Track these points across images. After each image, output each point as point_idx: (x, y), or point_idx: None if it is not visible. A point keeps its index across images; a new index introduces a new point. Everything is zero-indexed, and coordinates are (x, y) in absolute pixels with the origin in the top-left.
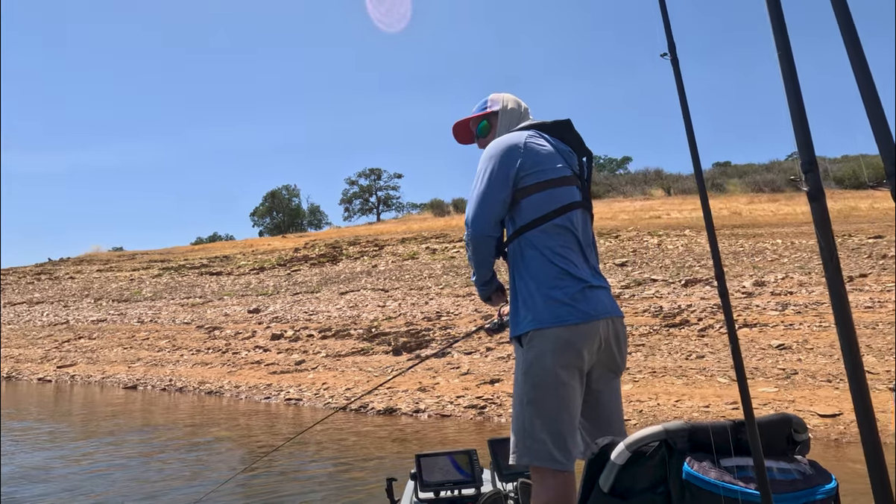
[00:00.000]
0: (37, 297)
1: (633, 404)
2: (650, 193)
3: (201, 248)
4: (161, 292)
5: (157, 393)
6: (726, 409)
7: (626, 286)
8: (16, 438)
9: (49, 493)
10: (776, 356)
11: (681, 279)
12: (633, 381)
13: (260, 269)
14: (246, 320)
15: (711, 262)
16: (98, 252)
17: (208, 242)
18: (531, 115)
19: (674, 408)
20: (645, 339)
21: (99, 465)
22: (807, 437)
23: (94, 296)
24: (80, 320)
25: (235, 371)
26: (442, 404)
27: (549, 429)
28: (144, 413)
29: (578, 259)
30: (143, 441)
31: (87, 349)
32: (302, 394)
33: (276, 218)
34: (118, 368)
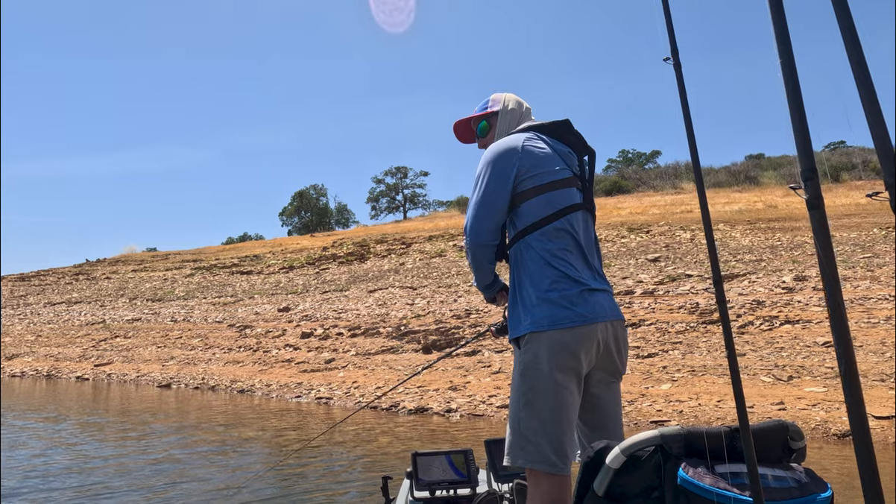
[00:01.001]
0: (75, 297)
1: (672, 404)
2: (681, 187)
3: (232, 247)
4: (193, 291)
5: (189, 391)
6: (771, 410)
7: (659, 282)
8: (57, 435)
9: (76, 485)
10: (822, 354)
11: None
12: (671, 381)
13: (289, 267)
14: (276, 319)
15: (748, 256)
16: (133, 253)
17: (239, 242)
18: (533, 115)
19: (716, 408)
20: (682, 337)
21: (127, 460)
22: (803, 445)
23: (129, 295)
24: (115, 319)
25: (266, 370)
26: (474, 404)
27: (545, 431)
28: (179, 413)
29: (578, 262)
30: (174, 442)
31: (122, 348)
32: (332, 392)
33: (305, 217)
34: (152, 367)
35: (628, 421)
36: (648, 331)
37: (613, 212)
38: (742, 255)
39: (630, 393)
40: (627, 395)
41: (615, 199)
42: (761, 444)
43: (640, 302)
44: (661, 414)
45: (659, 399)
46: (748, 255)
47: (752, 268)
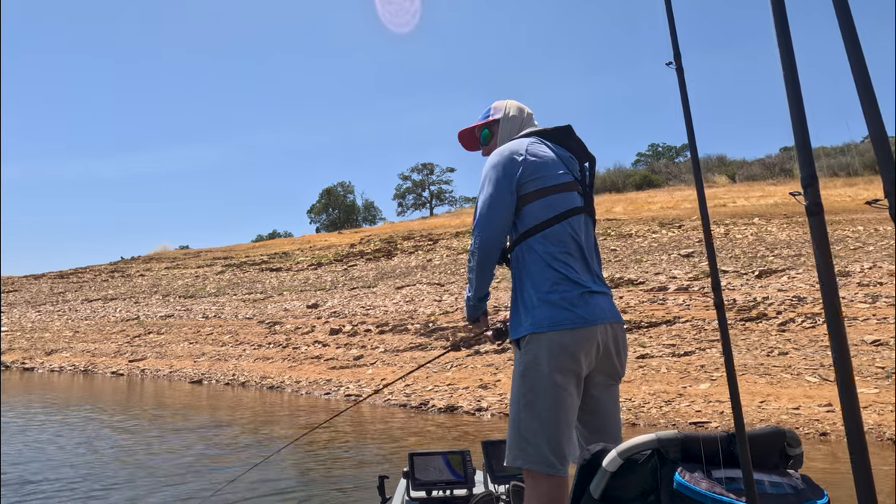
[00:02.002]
0: (111, 294)
1: (712, 405)
2: (713, 181)
3: (261, 244)
4: (224, 288)
5: (220, 387)
6: (819, 412)
7: (693, 278)
8: (95, 431)
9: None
10: (872, 353)
11: (753, 270)
12: (710, 381)
13: (317, 264)
14: (305, 315)
15: (786, 251)
16: (165, 250)
17: (268, 239)
18: (542, 116)
19: (759, 409)
20: (719, 334)
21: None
22: (800, 452)
23: (162, 292)
24: (149, 316)
25: (296, 366)
26: (505, 402)
27: (544, 432)
28: (211, 410)
29: (579, 264)
30: (204, 439)
31: (155, 344)
32: (361, 390)
33: (332, 214)
34: (185, 363)
35: (666, 422)
36: (684, 328)
37: (644, 206)
38: (780, 250)
39: (667, 392)
40: (664, 394)
41: (646, 193)
42: (758, 450)
43: (675, 298)
44: (700, 415)
45: (697, 399)
46: (786, 250)
47: (792, 263)
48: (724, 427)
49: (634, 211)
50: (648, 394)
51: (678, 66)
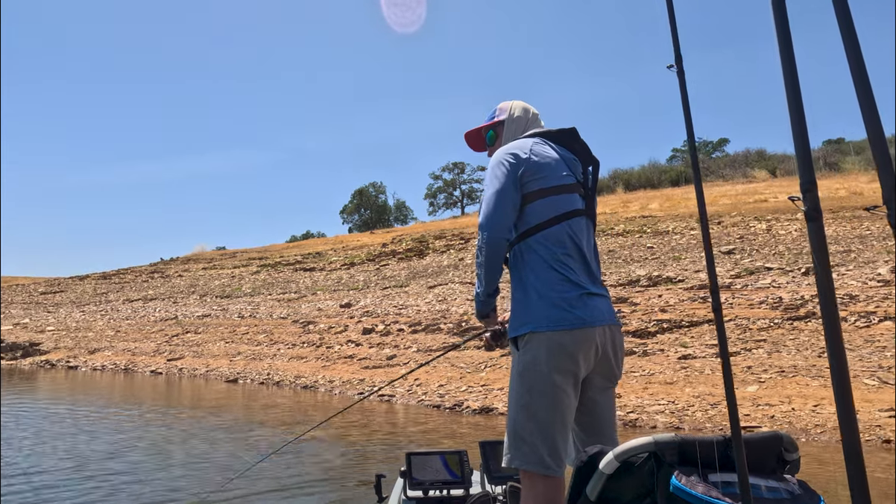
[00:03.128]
0: (150, 294)
1: (762, 408)
2: (752, 176)
3: (295, 245)
4: (259, 288)
5: (255, 386)
6: (880, 417)
7: (736, 275)
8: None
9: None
10: None
11: (800, 267)
12: (758, 382)
13: (350, 264)
14: (338, 314)
15: (833, 247)
16: (203, 251)
17: (302, 240)
18: (542, 121)
19: (813, 413)
20: (766, 334)
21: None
22: (797, 457)
23: (199, 292)
24: (187, 315)
25: (329, 365)
26: None
27: (541, 433)
28: (246, 409)
29: (578, 266)
30: (239, 437)
31: (193, 343)
32: (395, 390)
33: (364, 215)
34: (221, 362)
35: (713, 426)
36: (727, 327)
37: (681, 203)
38: (828, 246)
39: (712, 395)
40: (709, 396)
41: (682, 189)
42: (755, 455)
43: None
44: (749, 419)
45: (745, 402)
46: (834, 246)
47: (841, 259)
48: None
49: (671, 207)
50: (692, 396)
51: (679, 69)
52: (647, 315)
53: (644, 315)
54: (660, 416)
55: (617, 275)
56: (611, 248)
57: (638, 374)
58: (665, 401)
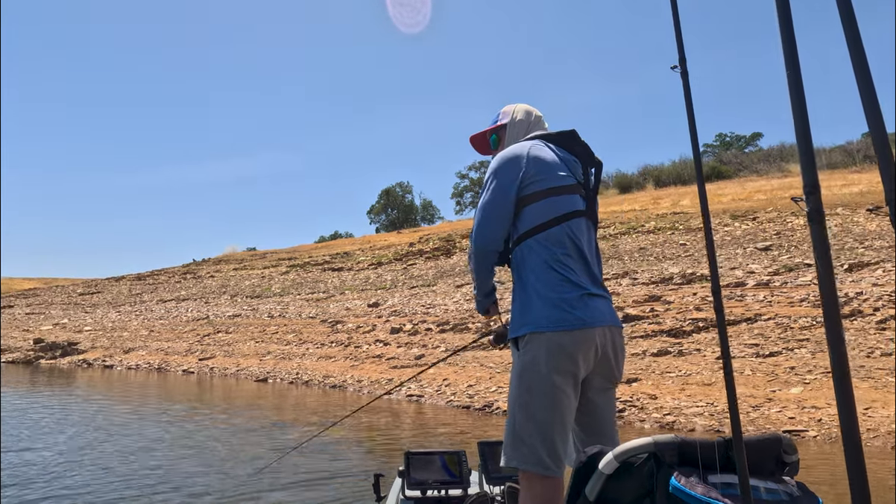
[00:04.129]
0: (183, 295)
1: (807, 411)
2: (788, 170)
3: (324, 245)
4: (288, 288)
5: (285, 386)
6: None
7: (774, 272)
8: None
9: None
10: None
11: (842, 263)
12: (802, 384)
13: (378, 264)
14: (366, 314)
15: (878, 242)
16: (234, 252)
17: (330, 240)
18: (546, 123)
19: (865, 417)
20: (808, 333)
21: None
22: (796, 459)
23: (230, 292)
24: (218, 315)
25: (357, 365)
26: None
27: (539, 433)
28: (277, 409)
29: (578, 267)
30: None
31: (224, 343)
32: (423, 390)
33: (391, 214)
34: (251, 361)
35: (755, 428)
36: (767, 326)
37: (714, 199)
38: (871, 241)
39: (754, 397)
40: (751, 398)
41: (714, 185)
42: (755, 457)
43: (754, 294)
44: (794, 422)
45: (790, 404)
46: (878, 241)
47: (887, 255)
48: (823, 437)
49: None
50: None
51: (683, 70)
52: (681, 314)
53: (678, 314)
54: (698, 418)
55: (649, 272)
56: (642, 245)
57: (674, 375)
58: (703, 402)
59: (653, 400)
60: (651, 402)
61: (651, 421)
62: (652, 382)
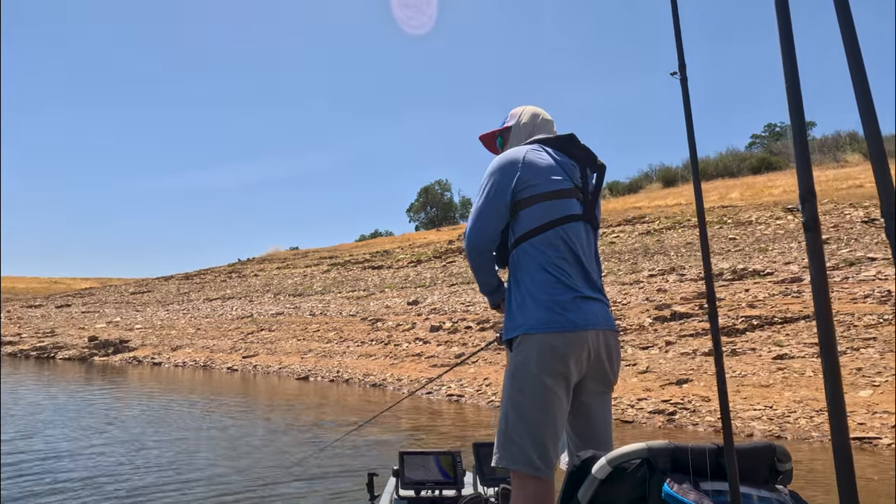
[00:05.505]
0: (228, 294)
1: (879, 417)
2: (844, 160)
3: (364, 244)
4: (329, 286)
5: (325, 384)
6: None
7: (833, 267)
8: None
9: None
10: None
11: None
12: (871, 386)
13: (417, 262)
14: (406, 312)
15: None
16: (277, 251)
17: (370, 239)
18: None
19: None
20: (874, 332)
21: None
22: (790, 468)
23: (273, 291)
24: (262, 314)
25: (397, 363)
26: (621, 408)
27: (530, 434)
28: (317, 408)
29: (574, 270)
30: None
31: (267, 341)
32: (464, 389)
33: (430, 212)
34: (292, 359)
35: (820, 434)
36: None
37: (764, 191)
38: None
39: (817, 400)
40: (814, 402)
41: (765, 177)
42: (748, 464)
43: (811, 290)
44: (864, 429)
45: (858, 409)
46: None
47: None
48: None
49: (753, 196)
50: (794, 401)
51: (682, 76)
52: (733, 311)
53: (730, 311)
54: (756, 422)
55: (697, 268)
56: (688, 240)
57: (728, 376)
58: (761, 406)
59: (706, 402)
60: (704, 404)
61: (705, 425)
62: (704, 384)
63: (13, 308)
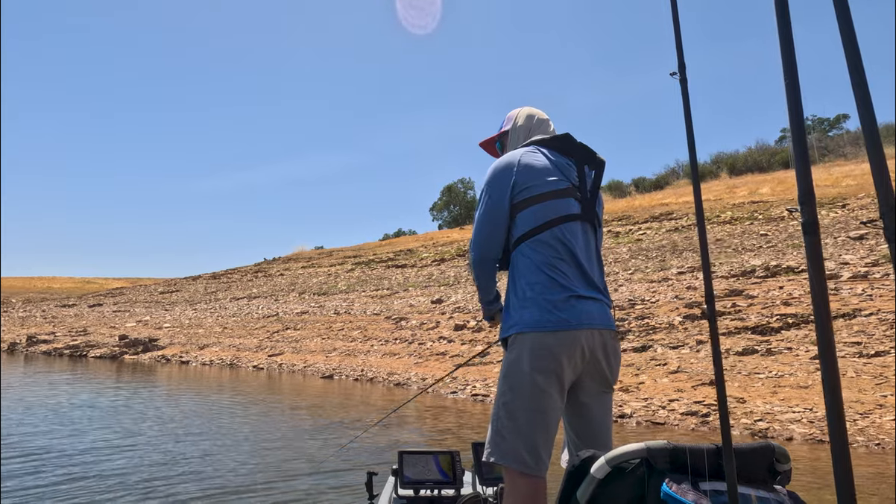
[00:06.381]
0: (254, 293)
1: None
2: (889, 155)
3: (388, 243)
4: (354, 285)
5: (350, 383)
6: None
7: (872, 263)
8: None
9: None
10: None
11: None
12: None
13: (440, 260)
14: (430, 311)
15: None
16: (302, 251)
17: (394, 238)
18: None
19: None
20: None
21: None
22: (789, 468)
23: (298, 290)
24: (287, 313)
25: (421, 362)
26: (652, 409)
27: (520, 432)
28: (342, 408)
29: (571, 270)
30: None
31: (292, 339)
32: (489, 389)
33: (454, 211)
34: (317, 358)
35: (865, 439)
36: (869, 322)
37: (796, 186)
38: None
39: (861, 402)
40: (858, 405)
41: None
42: (747, 465)
43: (851, 287)
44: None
45: None
46: None
47: None
48: None
49: (784, 191)
50: None
51: (682, 76)
52: (767, 309)
53: (764, 309)
54: (795, 425)
55: (728, 265)
56: (718, 236)
57: (763, 377)
58: (801, 408)
59: (741, 404)
60: (739, 405)
61: (740, 427)
62: (738, 384)
63: (48, 307)
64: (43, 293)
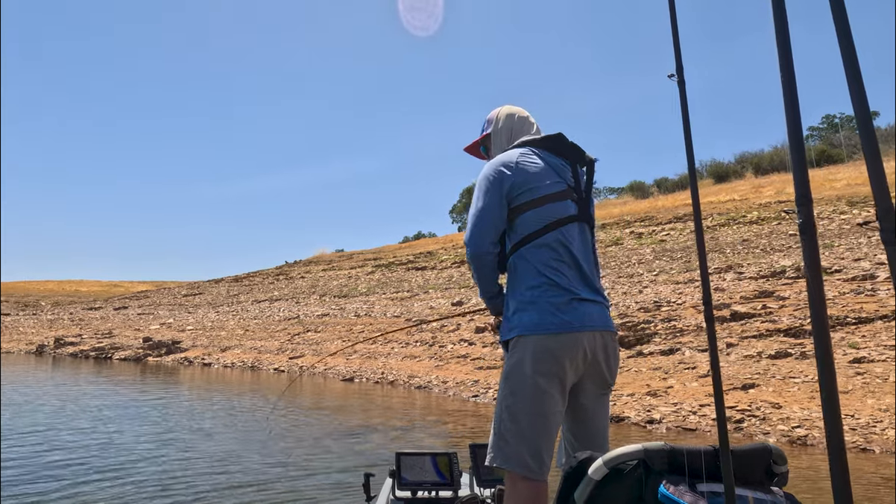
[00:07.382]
0: (276, 295)
1: None
2: None
3: (408, 245)
4: (374, 288)
5: (370, 385)
6: None
7: None
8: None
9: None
10: None
11: None
12: None
13: (460, 262)
14: (450, 313)
15: None
16: (323, 254)
17: (414, 240)
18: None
19: None
20: None
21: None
22: (785, 470)
23: (319, 292)
24: (308, 315)
25: (442, 365)
26: (682, 414)
27: (523, 435)
28: (364, 412)
29: (571, 272)
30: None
31: (312, 342)
32: None
33: None
34: (338, 360)
35: None
36: None
37: (825, 184)
38: None
39: None
40: None
41: (825, 170)
42: (744, 466)
43: (888, 288)
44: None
45: None
46: None
47: None
48: None
49: (813, 190)
50: (878, 409)
51: (680, 78)
52: (799, 311)
53: (796, 311)
54: None
55: (756, 266)
56: (744, 237)
57: (800, 381)
58: (842, 414)
59: (776, 409)
60: (774, 411)
61: (777, 434)
62: (773, 389)
63: (75, 310)
64: (71, 296)
